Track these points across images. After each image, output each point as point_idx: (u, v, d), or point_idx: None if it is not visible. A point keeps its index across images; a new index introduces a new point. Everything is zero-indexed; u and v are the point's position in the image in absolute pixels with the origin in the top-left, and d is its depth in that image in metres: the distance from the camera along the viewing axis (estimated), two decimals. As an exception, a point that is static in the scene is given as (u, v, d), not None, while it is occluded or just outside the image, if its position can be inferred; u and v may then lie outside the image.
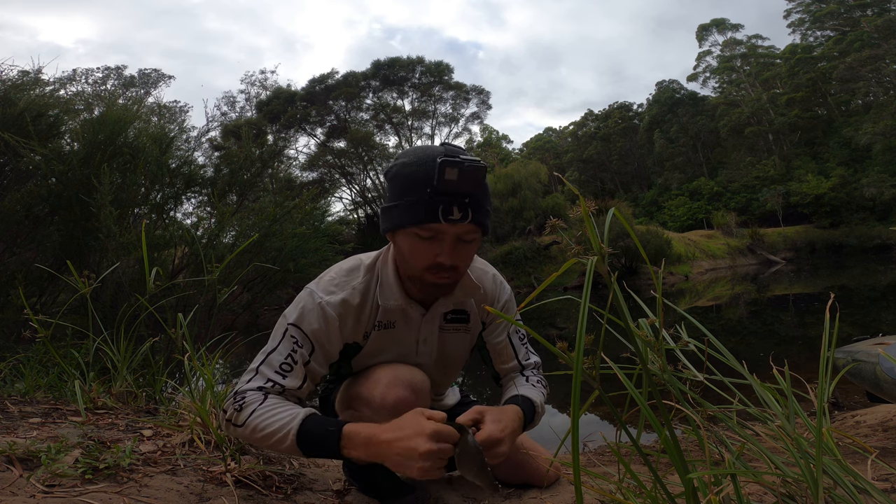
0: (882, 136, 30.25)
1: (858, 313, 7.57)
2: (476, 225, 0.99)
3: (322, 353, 1.06)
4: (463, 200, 0.95)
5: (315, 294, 1.08)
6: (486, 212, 1.01)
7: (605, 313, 0.67)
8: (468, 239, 1.01)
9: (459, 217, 0.95)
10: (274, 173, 14.79)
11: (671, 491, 0.67)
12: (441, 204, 0.94)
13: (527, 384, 1.21)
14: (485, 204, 1.00)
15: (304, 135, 29.87)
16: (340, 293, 1.08)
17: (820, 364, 0.72)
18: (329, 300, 1.06)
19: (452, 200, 0.95)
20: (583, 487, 0.59)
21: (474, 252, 1.07)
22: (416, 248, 1.00)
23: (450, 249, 0.99)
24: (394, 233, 1.04)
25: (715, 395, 0.82)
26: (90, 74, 27.11)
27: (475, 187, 0.95)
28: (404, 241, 1.02)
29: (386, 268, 1.11)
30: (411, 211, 0.97)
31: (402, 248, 1.04)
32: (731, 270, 24.31)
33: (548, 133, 60.07)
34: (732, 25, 44.76)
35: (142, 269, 2.63)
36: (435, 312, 1.15)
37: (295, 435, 0.94)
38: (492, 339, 1.24)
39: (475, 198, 0.97)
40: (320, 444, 0.95)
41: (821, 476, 0.61)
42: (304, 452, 0.95)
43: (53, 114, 3.37)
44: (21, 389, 1.71)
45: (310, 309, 1.06)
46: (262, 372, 1.02)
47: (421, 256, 1.00)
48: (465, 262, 1.05)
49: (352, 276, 1.12)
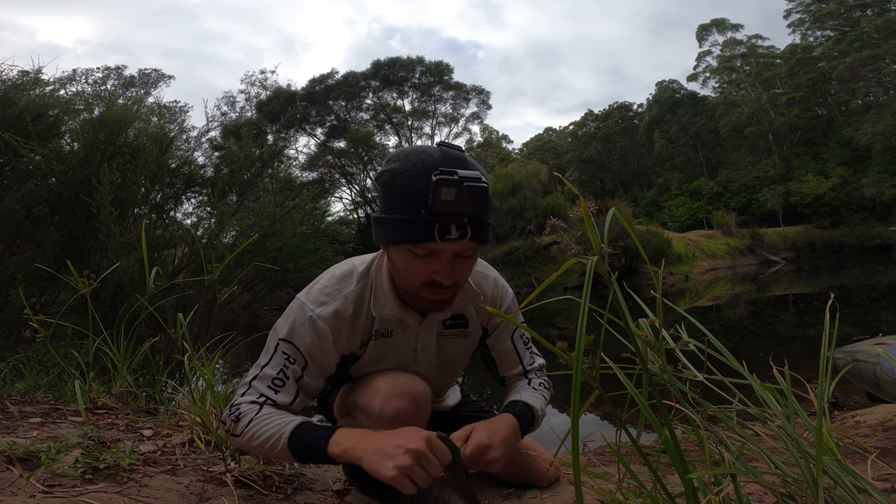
0: (882, 136, 30.24)
1: (858, 313, 7.57)
2: (475, 241, 0.92)
3: (316, 367, 1.04)
4: (461, 220, 0.88)
5: (305, 307, 1.03)
6: (487, 225, 0.94)
7: (605, 313, 0.67)
8: (467, 255, 0.95)
9: (458, 236, 0.88)
10: (274, 173, 14.79)
11: (671, 491, 0.67)
12: (437, 223, 0.87)
13: (528, 388, 1.19)
14: (485, 218, 0.92)
15: (304, 135, 29.86)
16: (332, 304, 1.03)
17: (820, 364, 0.72)
18: (320, 313, 1.01)
19: (450, 220, 0.87)
20: (583, 487, 0.59)
21: (473, 264, 1.01)
22: (410, 264, 0.94)
23: (448, 268, 0.93)
24: (387, 246, 0.98)
25: (715, 395, 0.82)
26: (90, 74, 27.10)
27: (475, 207, 0.87)
28: (398, 256, 0.96)
29: (380, 275, 1.06)
30: (405, 228, 0.89)
31: (396, 263, 0.98)
32: (731, 270, 24.30)
33: (548, 133, 60.05)
34: (732, 25, 44.77)
35: (142, 269, 2.63)
36: (433, 320, 1.11)
37: (287, 437, 0.94)
38: (496, 345, 1.22)
39: (475, 216, 0.89)
40: (310, 443, 0.94)
41: (821, 476, 0.61)
42: (293, 452, 0.95)
43: (53, 114, 3.37)
44: (21, 389, 1.71)
45: (300, 323, 1.02)
46: (254, 387, 1.02)
47: (416, 273, 0.95)
48: (464, 277, 0.99)
49: (344, 283, 1.06)
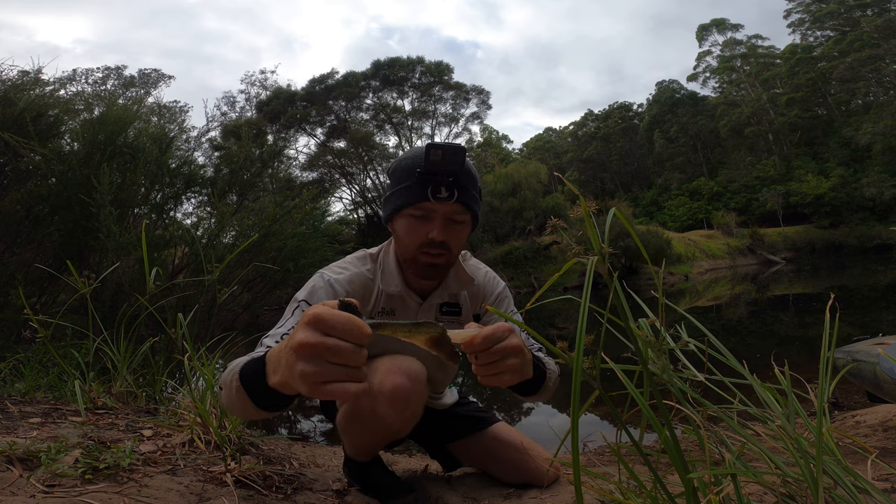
0: (882, 136, 30.26)
1: (858, 313, 7.57)
2: (463, 205, 1.09)
3: None
4: (448, 180, 1.06)
5: (324, 274, 1.16)
6: (473, 196, 1.12)
7: (605, 313, 0.67)
8: (458, 220, 1.10)
9: (447, 196, 1.07)
10: (274, 173, 14.75)
11: (671, 491, 0.67)
12: (430, 184, 1.06)
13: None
14: (470, 188, 1.11)
15: (304, 135, 29.85)
16: (348, 273, 1.17)
17: (820, 364, 0.72)
18: (338, 278, 1.14)
19: (440, 181, 1.06)
20: (583, 487, 0.59)
21: (465, 235, 1.15)
22: (410, 227, 1.10)
23: (441, 227, 1.08)
24: (392, 220, 1.15)
25: (715, 395, 0.82)
26: (90, 74, 27.11)
27: (457, 165, 1.05)
28: (401, 224, 1.12)
29: (388, 257, 1.21)
30: (405, 194, 1.09)
31: (398, 232, 1.14)
32: (731, 270, 24.29)
33: (548, 133, 60.14)
34: (732, 25, 44.83)
35: (142, 269, 2.63)
36: (431, 302, 1.20)
37: (238, 372, 0.82)
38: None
39: (460, 180, 1.08)
40: (255, 377, 0.79)
41: (821, 476, 0.61)
42: (249, 395, 0.80)
43: (53, 114, 3.36)
44: (21, 389, 1.71)
45: (319, 286, 1.12)
46: (263, 343, 0.99)
47: (414, 235, 1.10)
48: (456, 243, 1.12)
49: (360, 262, 1.22)
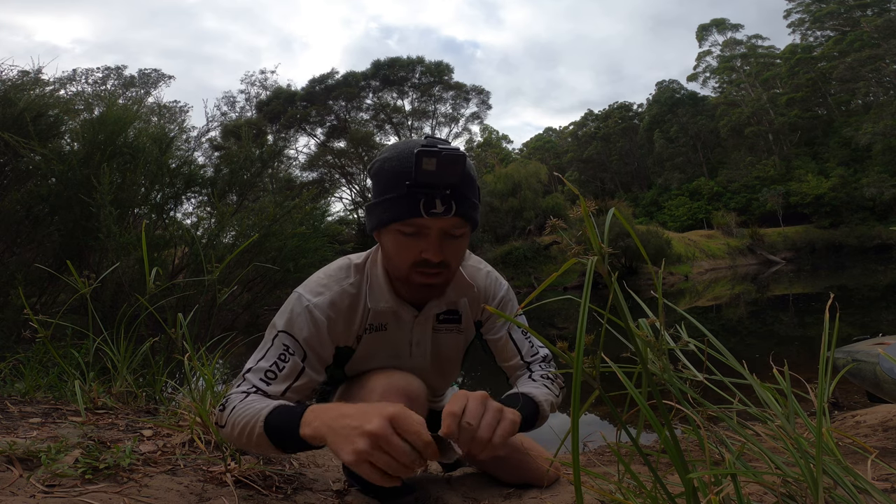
0: (882, 136, 30.26)
1: (858, 313, 7.57)
2: (462, 218, 0.94)
3: (315, 357, 1.03)
4: (444, 192, 0.90)
5: (303, 298, 1.04)
6: (473, 204, 0.96)
7: (605, 313, 0.67)
8: (455, 234, 0.97)
9: (442, 210, 0.91)
10: (274, 173, 14.75)
11: (671, 491, 0.67)
12: (422, 197, 0.90)
13: (528, 381, 1.15)
14: (470, 195, 0.95)
15: (304, 135, 29.90)
16: (328, 294, 1.04)
17: (820, 364, 0.72)
18: (317, 302, 1.03)
19: (434, 193, 0.90)
20: (583, 487, 0.59)
21: (464, 248, 1.03)
22: (400, 245, 0.96)
23: (436, 245, 0.94)
24: (379, 232, 1.01)
25: (715, 395, 0.82)
26: (90, 74, 27.17)
27: (455, 177, 0.89)
28: (389, 239, 0.98)
29: (375, 269, 1.08)
30: (392, 207, 0.93)
31: (387, 248, 1.00)
32: (731, 270, 24.30)
33: (548, 133, 60.14)
34: (732, 25, 44.83)
35: (142, 269, 2.63)
36: (427, 314, 1.10)
37: (262, 422, 0.88)
38: (491, 336, 1.19)
39: (458, 189, 0.92)
40: (284, 426, 0.86)
41: (821, 476, 0.61)
42: (270, 438, 0.88)
43: (53, 114, 3.36)
44: (21, 389, 1.71)
45: (298, 313, 1.02)
46: (247, 379, 1.00)
47: (405, 254, 0.96)
48: (455, 259, 1.00)
49: (341, 276, 1.08)
